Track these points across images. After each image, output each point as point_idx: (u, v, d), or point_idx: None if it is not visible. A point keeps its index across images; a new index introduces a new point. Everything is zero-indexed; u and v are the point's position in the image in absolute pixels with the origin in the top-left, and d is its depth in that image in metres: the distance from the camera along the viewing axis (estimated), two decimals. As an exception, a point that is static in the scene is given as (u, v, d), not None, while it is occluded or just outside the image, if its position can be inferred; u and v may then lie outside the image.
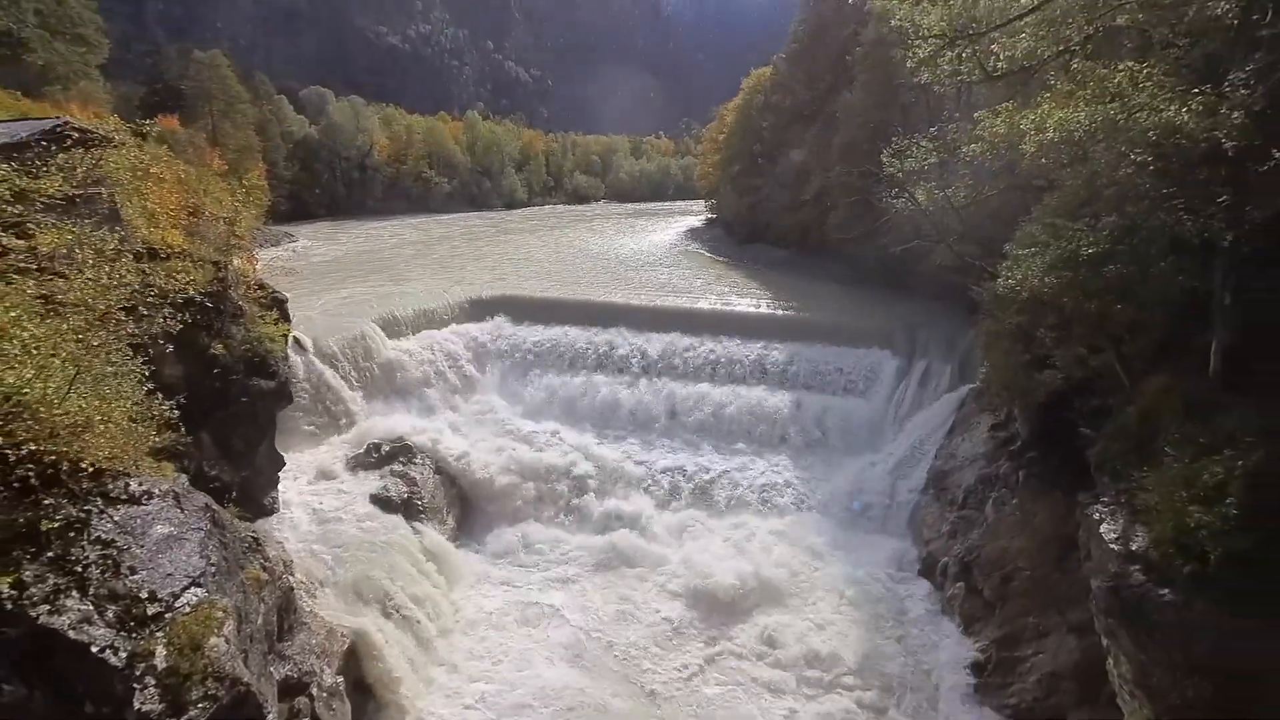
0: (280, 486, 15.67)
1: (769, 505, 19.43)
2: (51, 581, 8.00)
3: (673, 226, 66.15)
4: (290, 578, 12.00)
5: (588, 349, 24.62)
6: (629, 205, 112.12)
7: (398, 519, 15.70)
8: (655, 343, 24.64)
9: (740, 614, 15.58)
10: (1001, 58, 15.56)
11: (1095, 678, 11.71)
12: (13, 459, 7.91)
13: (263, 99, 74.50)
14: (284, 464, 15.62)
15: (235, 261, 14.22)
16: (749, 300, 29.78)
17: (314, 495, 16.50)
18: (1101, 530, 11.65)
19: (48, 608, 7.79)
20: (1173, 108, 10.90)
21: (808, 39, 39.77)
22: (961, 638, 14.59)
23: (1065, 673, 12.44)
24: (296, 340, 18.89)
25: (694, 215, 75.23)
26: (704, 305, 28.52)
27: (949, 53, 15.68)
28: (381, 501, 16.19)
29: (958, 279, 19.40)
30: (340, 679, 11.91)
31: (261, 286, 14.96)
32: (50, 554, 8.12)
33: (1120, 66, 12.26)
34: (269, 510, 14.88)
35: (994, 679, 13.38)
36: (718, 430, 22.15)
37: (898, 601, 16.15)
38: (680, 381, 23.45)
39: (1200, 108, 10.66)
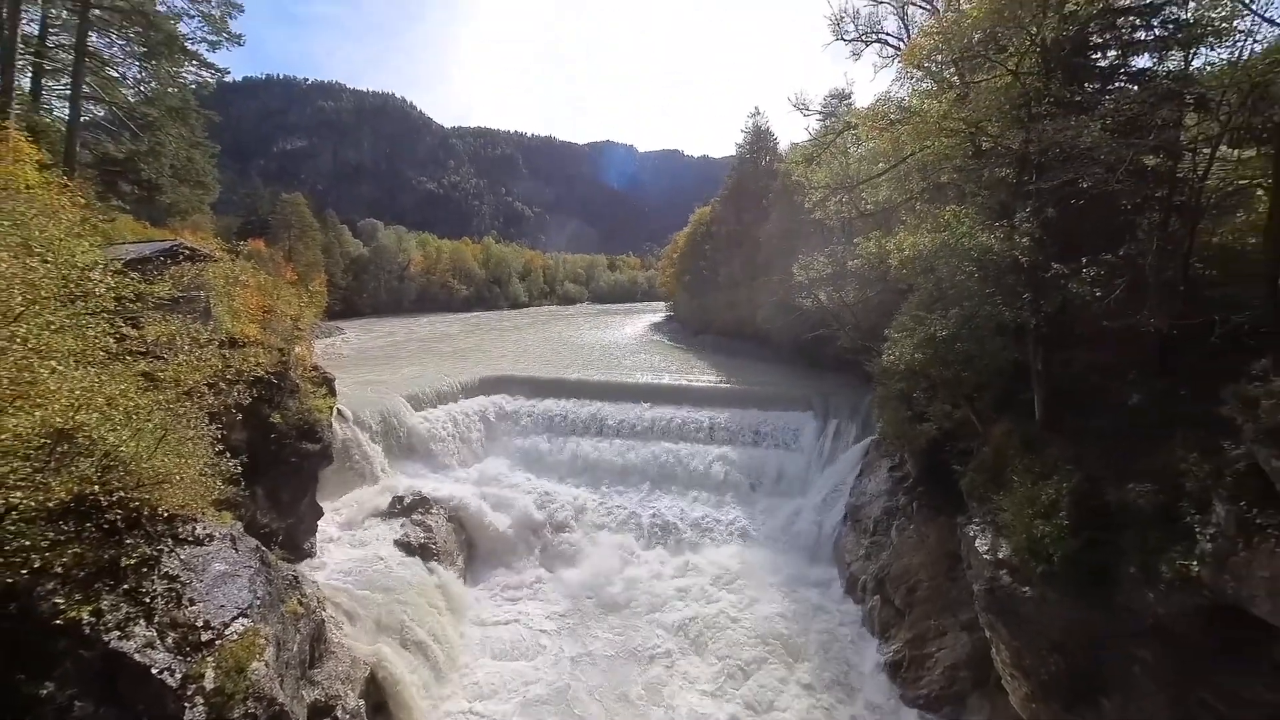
0: (318, 533, 15.09)
1: (724, 540, 19.16)
2: (124, 611, 7.71)
3: (640, 322, 67.86)
4: (323, 611, 11.36)
5: (572, 417, 24.63)
6: (607, 305, 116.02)
7: (416, 561, 15.08)
8: (627, 411, 24.78)
9: (704, 629, 15.10)
10: (869, 202, 17.22)
11: (985, 665, 11.59)
12: (105, 504, 7.91)
13: (329, 228, 79.75)
14: (322, 514, 15.12)
15: (296, 349, 14.39)
16: (701, 377, 30.24)
17: (346, 540, 15.88)
18: (975, 544, 11.76)
19: (119, 634, 7.50)
20: (984, 235, 12.01)
21: (736, 187, 43.05)
22: (880, 643, 14.25)
23: (962, 664, 12.26)
24: (339, 411, 18.75)
25: (656, 313, 77.29)
26: (666, 381, 28.80)
27: (833, 199, 17.35)
28: (403, 546, 15.55)
29: (855, 357, 19.74)
30: (362, 702, 11.02)
31: (315, 368, 15.03)
32: (125, 586, 7.86)
33: (948, 208, 13.22)
34: (308, 553, 14.26)
35: (908, 674, 13.05)
36: (679, 480, 21.97)
37: (828, 614, 15.81)
38: (648, 442, 23.43)
39: (1001, 235, 11.81)
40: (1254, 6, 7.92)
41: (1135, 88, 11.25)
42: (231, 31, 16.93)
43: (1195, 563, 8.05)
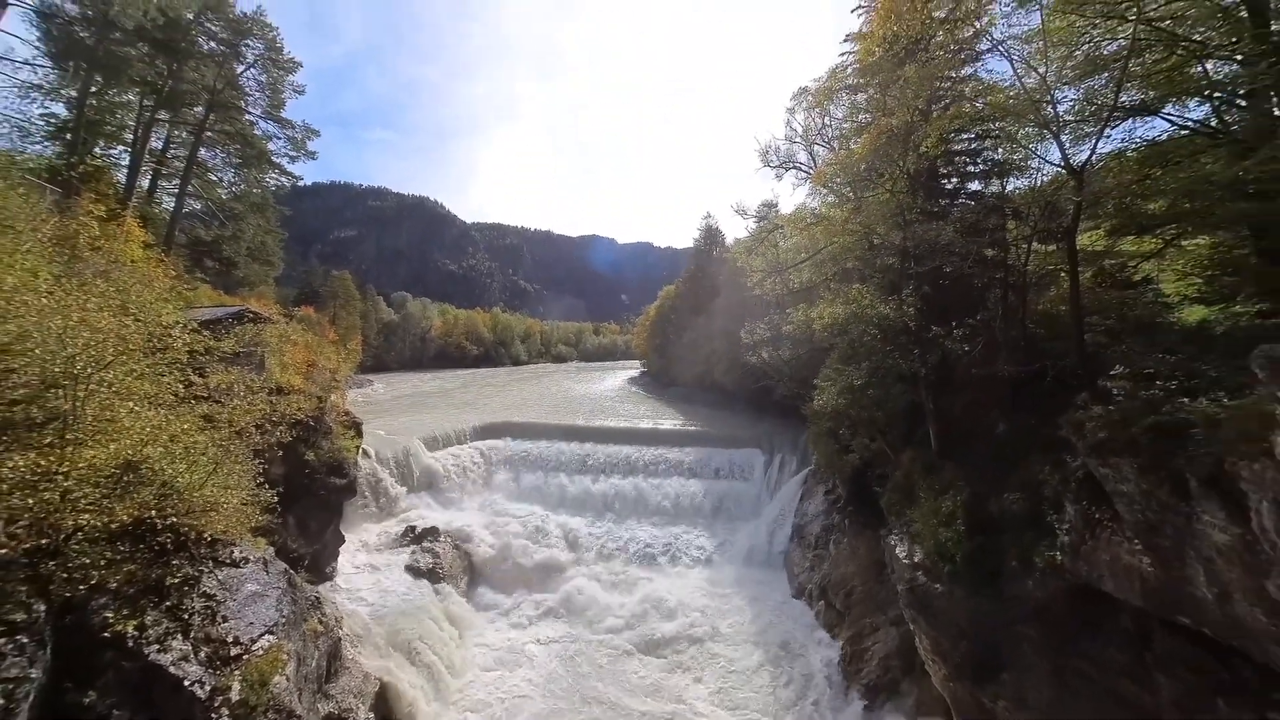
0: (339, 558, 14.23)
1: (694, 559, 18.64)
2: (165, 626, 7.27)
3: (619, 377, 68.23)
4: (339, 630, 10.57)
5: (563, 456, 24.09)
6: (592, 363, 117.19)
7: (425, 584, 14.31)
8: (610, 450, 24.46)
9: (679, 639, 14.46)
10: (795, 282, 18.15)
11: (911, 654, 11.42)
12: (159, 528, 7.63)
13: (367, 298, 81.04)
14: (344, 541, 14.31)
15: (332, 397, 14.18)
16: (670, 421, 30.27)
17: (364, 565, 14.94)
18: (896, 551, 11.73)
19: (158, 647, 7.04)
20: (881, 306, 12.68)
21: (694, 270, 45.48)
22: (830, 640, 13.96)
23: (893, 654, 11.99)
24: (364, 451, 18.12)
25: (633, 370, 78.14)
26: (643, 425, 28.70)
27: (769, 280, 18.18)
28: (413, 570, 14.75)
29: (792, 402, 20.14)
30: (372, 715, 10.08)
31: (347, 413, 14.68)
32: (168, 603, 7.44)
33: (854, 286, 13.91)
34: (329, 577, 13.39)
35: (852, 667, 12.73)
36: (654, 509, 21.50)
37: (784, 618, 15.41)
38: (628, 477, 23.00)
39: (894, 306, 12.52)
40: (1039, 153, 9.68)
41: (972, 202, 12.93)
42: (309, 149, 18.10)
43: (1057, 553, 8.28)
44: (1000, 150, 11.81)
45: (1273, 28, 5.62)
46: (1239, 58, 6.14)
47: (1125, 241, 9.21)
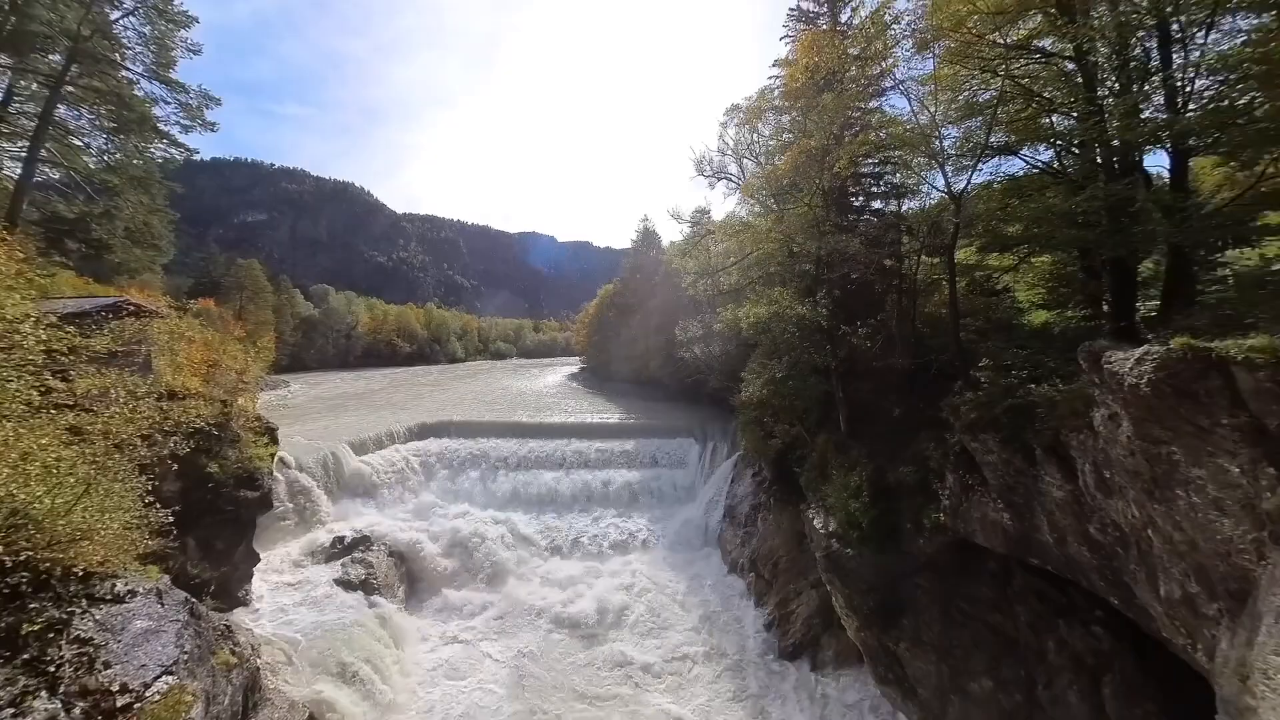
0: (255, 579, 12.21)
1: (636, 545, 18.58)
2: (21, 684, 5.77)
3: (560, 373, 65.93)
4: (258, 659, 9.08)
5: (504, 453, 22.79)
6: (533, 360, 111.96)
7: (357, 596, 12.79)
8: (552, 445, 23.57)
9: (625, 623, 14.40)
10: (725, 284, 18.79)
11: (829, 612, 12.27)
12: (9, 565, 5.99)
13: (281, 291, 70.75)
14: (259, 560, 12.17)
15: (240, 400, 12.08)
16: (611, 415, 29.66)
17: (287, 583, 12.99)
18: (814, 523, 12.41)
19: (12, 711, 5.59)
20: (799, 307, 13.23)
21: (631, 270, 45.64)
22: (758, 609, 14.52)
23: (814, 614, 12.86)
24: (281, 458, 15.81)
25: (573, 366, 76.03)
26: (585, 420, 27.85)
27: (701, 282, 18.64)
28: (343, 583, 13.10)
29: (722, 393, 20.95)
30: None
31: (259, 418, 12.47)
32: (26, 656, 5.94)
33: (776, 289, 14.40)
34: (243, 602, 11.38)
35: (780, 629, 13.33)
36: (597, 500, 21.15)
37: (719, 590, 15.86)
38: (570, 471, 22.32)
39: (809, 307, 13.12)
40: (928, 180, 11.05)
41: (875, 219, 14.37)
42: (206, 119, 14.82)
43: (941, 514, 9.41)
44: (898, 175, 13.21)
45: (1098, 93, 6.93)
46: (1075, 114, 7.46)
47: (991, 257, 10.77)
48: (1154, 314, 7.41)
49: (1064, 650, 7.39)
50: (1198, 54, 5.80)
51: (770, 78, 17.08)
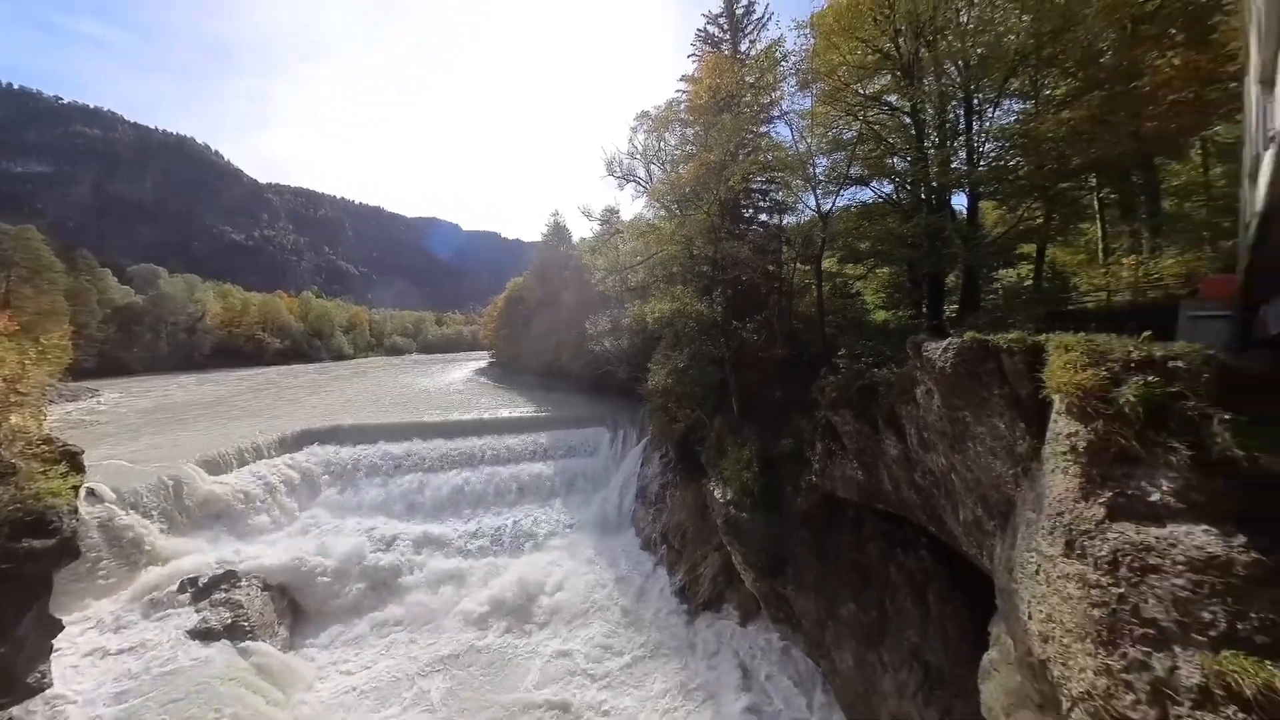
0: (64, 654, 8.73)
1: (553, 535, 17.89)
2: None
3: (466, 368, 59.62)
4: None
5: (409, 456, 19.98)
6: (436, 355, 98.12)
7: (221, 646, 10.01)
8: (460, 445, 21.39)
9: (544, 611, 13.87)
10: (632, 282, 18.96)
11: (730, 570, 13.19)
12: None
13: (80, 271, 50.05)
14: (60, 629, 8.55)
15: (13, 418, 8.28)
16: (522, 409, 27.98)
17: (113, 650, 9.56)
18: (714, 494, 13.31)
19: None
20: (698, 304, 14.04)
21: (542, 264, 43.13)
22: (671, 576, 15.03)
23: (718, 573, 13.67)
24: (90, 491, 11.71)
25: (480, 360, 69.78)
26: (496, 415, 25.63)
27: (610, 278, 18.42)
28: (201, 634, 10.18)
29: (631, 384, 21.22)
30: None
31: (48, 441, 8.69)
32: None
33: (678, 287, 15.04)
34: (35, 688, 7.93)
35: (690, 591, 14.07)
36: (512, 494, 19.86)
37: (635, 565, 16.08)
38: (480, 469, 20.50)
39: (707, 305, 14.01)
40: (803, 200, 12.54)
41: (761, 230, 15.79)
42: None
43: (813, 476, 10.72)
44: (780, 193, 14.67)
45: (925, 144, 8.60)
46: (909, 159, 9.15)
47: (848, 267, 12.66)
48: (954, 315, 9.49)
49: (902, 571, 9.18)
50: (988, 124, 7.58)
51: (678, 91, 17.55)
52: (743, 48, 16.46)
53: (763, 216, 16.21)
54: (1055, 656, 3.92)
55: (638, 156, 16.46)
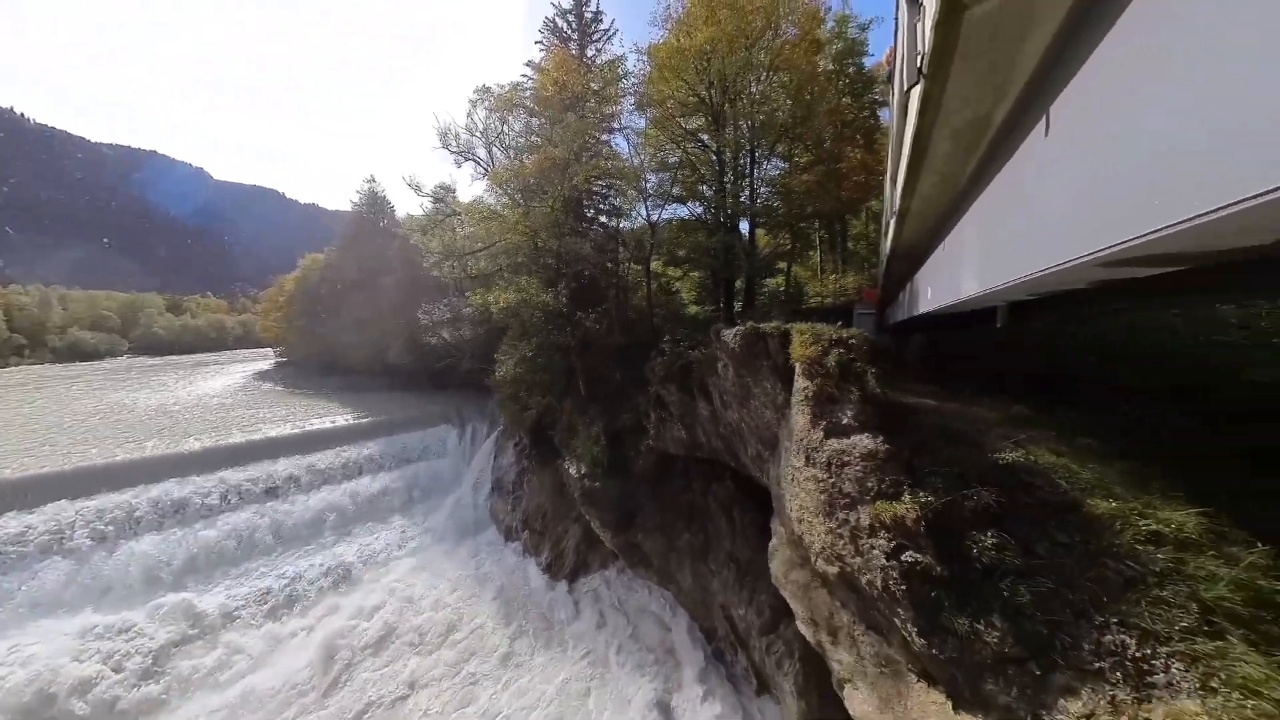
0: None
1: (404, 550, 15.14)
2: None
3: (239, 372, 41.61)
4: None
5: (167, 501, 13.27)
6: (172, 357, 63.69)
7: None
8: (250, 471, 15.52)
9: (402, 633, 11.92)
10: (474, 269, 17.24)
11: (591, 536, 13.95)
12: None
13: None
14: None
15: None
16: (339, 417, 21.83)
17: None
18: (570, 471, 13.71)
19: None
20: (544, 295, 13.76)
21: (352, 239, 33.54)
22: (535, 558, 14.97)
23: (580, 542, 14.25)
24: None
25: (262, 361, 49.64)
26: (305, 429, 19.22)
27: (446, 263, 16.36)
28: None
29: (477, 376, 19.42)
30: None
31: None
32: None
33: (523, 278, 14.56)
34: None
35: (556, 565, 14.33)
36: (342, 522, 15.75)
37: (498, 558, 15.32)
38: (288, 499, 15.45)
39: (552, 296, 13.75)
40: (637, 208, 13.77)
41: (602, 230, 16.46)
42: None
43: (650, 440, 12.12)
44: (618, 200, 15.59)
45: (725, 179, 10.66)
46: (714, 189, 11.18)
47: (670, 269, 14.61)
48: (740, 310, 12.24)
49: (716, 500, 11.63)
50: (761, 173, 10.01)
51: (523, 75, 16.22)
52: (589, 53, 16.42)
53: (603, 219, 16.97)
54: (805, 530, 5.41)
55: (477, 134, 14.75)
